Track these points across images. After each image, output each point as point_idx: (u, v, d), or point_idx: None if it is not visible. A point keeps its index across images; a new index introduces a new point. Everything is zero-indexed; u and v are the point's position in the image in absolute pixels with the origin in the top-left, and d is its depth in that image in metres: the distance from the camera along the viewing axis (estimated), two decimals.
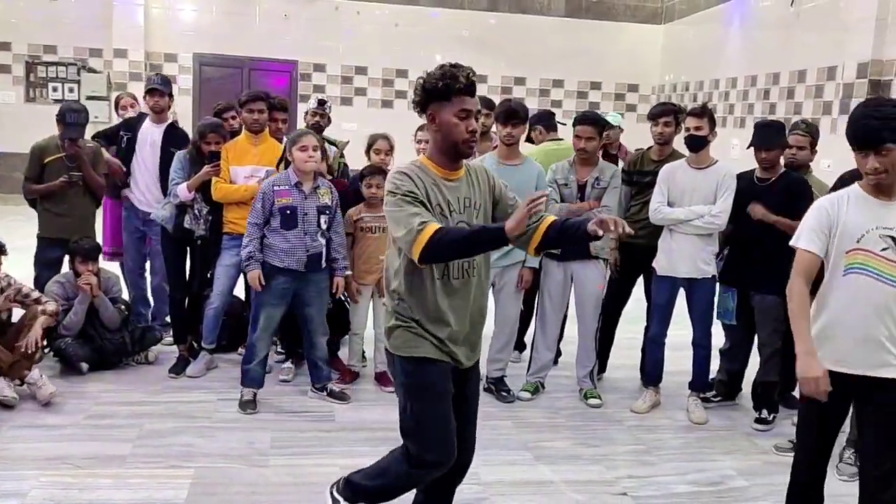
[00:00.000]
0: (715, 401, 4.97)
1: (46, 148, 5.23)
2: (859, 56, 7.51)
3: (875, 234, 2.79)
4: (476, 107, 2.81)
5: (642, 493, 3.82)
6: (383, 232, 4.88)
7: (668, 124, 4.95)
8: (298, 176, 4.46)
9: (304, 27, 12.06)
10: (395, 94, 12.45)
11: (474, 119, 2.77)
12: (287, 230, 4.43)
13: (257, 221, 4.46)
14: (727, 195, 4.54)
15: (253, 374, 4.58)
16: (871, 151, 2.74)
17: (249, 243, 4.47)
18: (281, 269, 4.45)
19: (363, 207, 4.91)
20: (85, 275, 4.91)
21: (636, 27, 12.72)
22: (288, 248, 4.43)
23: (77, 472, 3.71)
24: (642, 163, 5.09)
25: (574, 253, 4.78)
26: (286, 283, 4.50)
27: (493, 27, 12.50)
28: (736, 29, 10.41)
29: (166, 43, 11.89)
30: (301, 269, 4.47)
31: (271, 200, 4.43)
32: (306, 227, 4.45)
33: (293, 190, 4.45)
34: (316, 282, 4.59)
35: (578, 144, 4.74)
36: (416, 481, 2.93)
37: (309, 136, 4.48)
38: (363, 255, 4.90)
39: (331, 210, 4.58)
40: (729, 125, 10.04)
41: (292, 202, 4.43)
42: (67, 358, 4.92)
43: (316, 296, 4.62)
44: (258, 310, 4.54)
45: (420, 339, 2.78)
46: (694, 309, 4.78)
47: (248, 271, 4.52)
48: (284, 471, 3.83)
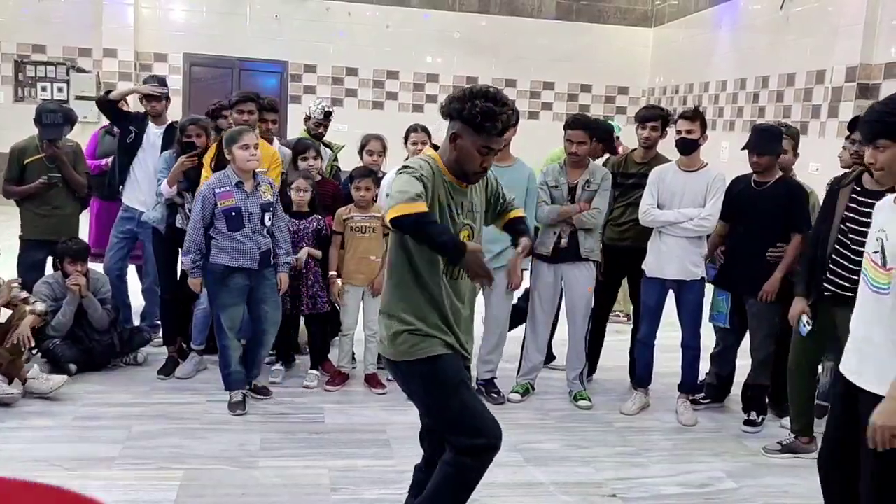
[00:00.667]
0: (704, 403, 4.99)
1: (26, 149, 5.21)
2: (848, 60, 7.54)
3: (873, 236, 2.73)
4: (499, 146, 2.84)
5: (631, 494, 3.83)
6: (374, 232, 4.89)
7: (655, 129, 4.98)
8: (239, 175, 4.37)
9: (295, 28, 12.03)
10: (387, 95, 12.43)
11: (492, 157, 2.81)
12: (234, 232, 4.35)
13: (199, 227, 4.33)
14: (716, 198, 4.57)
15: (235, 376, 4.54)
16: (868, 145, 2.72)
17: (192, 249, 4.35)
18: (235, 268, 4.38)
19: (353, 207, 4.91)
20: (74, 275, 4.89)
21: (626, 30, 12.74)
22: (240, 248, 4.36)
23: (65, 473, 3.69)
24: (626, 165, 5.11)
25: (565, 255, 4.80)
26: (243, 281, 4.44)
27: (483, 29, 12.50)
28: (726, 32, 10.44)
29: (156, 43, 11.84)
30: (255, 266, 4.42)
31: (213, 203, 4.32)
32: (253, 225, 4.39)
33: (235, 190, 4.36)
34: (269, 278, 4.55)
35: (570, 148, 4.76)
36: (478, 473, 2.91)
37: (250, 135, 4.39)
38: (354, 256, 4.89)
39: (273, 206, 4.53)
40: (718, 128, 10.07)
41: (236, 203, 4.34)
42: (56, 359, 4.90)
43: (270, 293, 4.57)
44: (220, 313, 4.47)
45: (428, 339, 2.81)
46: (683, 311, 4.80)
47: (191, 278, 4.42)
48: (274, 472, 3.83)
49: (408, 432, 4.38)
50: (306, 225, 4.93)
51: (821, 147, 7.58)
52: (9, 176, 5.21)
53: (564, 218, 4.75)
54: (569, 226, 4.78)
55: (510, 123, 2.76)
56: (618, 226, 5.06)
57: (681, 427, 4.73)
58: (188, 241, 4.38)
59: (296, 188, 4.90)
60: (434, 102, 12.39)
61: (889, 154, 2.61)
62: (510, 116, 2.74)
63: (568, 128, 4.78)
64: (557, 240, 4.80)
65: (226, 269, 4.38)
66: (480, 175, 2.86)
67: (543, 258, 4.86)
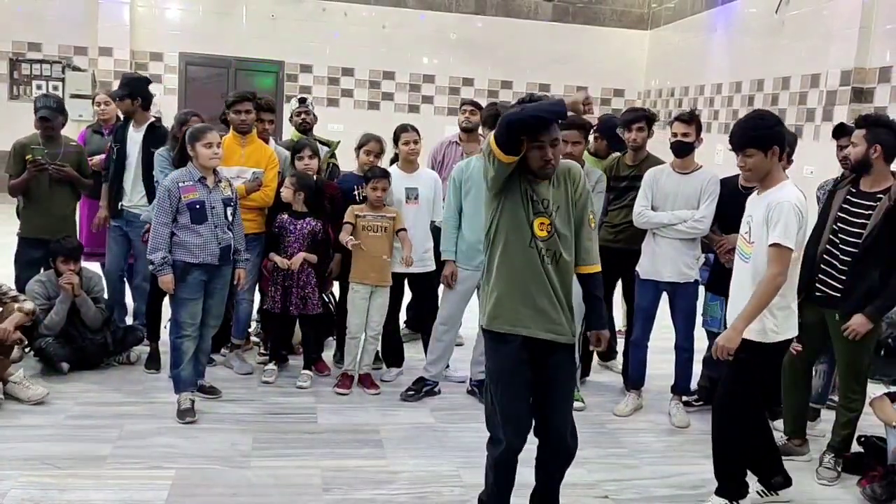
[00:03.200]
0: (696, 405, 5.00)
1: (28, 145, 5.20)
2: (843, 64, 7.57)
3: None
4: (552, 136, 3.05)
5: (623, 496, 3.83)
6: (385, 231, 4.88)
7: (641, 129, 4.98)
8: (201, 171, 4.38)
9: (291, 28, 12.03)
10: (382, 95, 12.44)
11: (549, 150, 3.04)
12: (198, 224, 4.33)
13: (165, 221, 4.32)
14: (711, 200, 4.57)
15: (185, 377, 4.47)
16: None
17: (161, 246, 4.31)
18: (195, 264, 4.36)
19: (366, 206, 4.90)
20: (67, 274, 4.88)
21: (622, 32, 12.76)
22: (201, 242, 4.34)
23: (57, 472, 3.68)
24: (618, 168, 5.11)
25: None
26: (201, 276, 4.42)
27: (480, 30, 12.51)
28: (721, 35, 10.47)
29: (152, 42, 11.82)
30: (215, 261, 4.41)
31: (177, 197, 4.31)
32: (215, 220, 4.38)
33: (198, 185, 4.36)
34: (224, 274, 4.54)
35: (565, 149, 4.73)
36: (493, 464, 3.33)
37: (213, 133, 4.39)
38: (365, 255, 4.87)
39: (233, 202, 4.54)
40: (713, 131, 10.09)
41: (199, 196, 4.34)
42: (48, 358, 4.88)
43: (221, 288, 4.57)
44: (179, 309, 4.42)
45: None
46: (677, 313, 4.80)
47: (161, 276, 4.35)
48: (266, 472, 3.82)
49: (401, 433, 4.40)
50: (302, 226, 4.92)
51: (815, 150, 7.60)
52: (12, 172, 5.20)
53: None
54: None
55: None
56: (611, 228, 5.06)
57: (673, 429, 4.74)
58: (154, 238, 4.33)
59: (284, 186, 4.91)
60: (430, 103, 12.40)
61: (755, 159, 3.43)
62: None
63: (563, 129, 4.76)
64: None
65: (186, 265, 4.36)
66: (547, 168, 3.05)
67: None
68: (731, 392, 3.62)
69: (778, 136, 3.47)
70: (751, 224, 3.55)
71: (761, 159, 3.44)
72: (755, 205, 3.57)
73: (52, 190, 5.19)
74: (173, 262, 4.34)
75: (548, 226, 3.09)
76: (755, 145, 3.43)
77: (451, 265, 4.80)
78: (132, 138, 5.36)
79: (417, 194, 5.11)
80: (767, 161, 3.44)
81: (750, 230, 3.55)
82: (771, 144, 3.42)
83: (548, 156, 3.02)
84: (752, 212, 3.57)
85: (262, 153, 5.05)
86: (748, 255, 3.55)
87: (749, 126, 3.50)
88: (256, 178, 4.90)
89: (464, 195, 4.77)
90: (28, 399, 4.43)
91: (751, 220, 3.56)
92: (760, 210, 3.48)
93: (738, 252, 3.68)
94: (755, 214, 3.52)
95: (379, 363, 5.32)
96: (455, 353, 5.23)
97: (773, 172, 3.49)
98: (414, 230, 4.99)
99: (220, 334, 5.20)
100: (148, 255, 4.36)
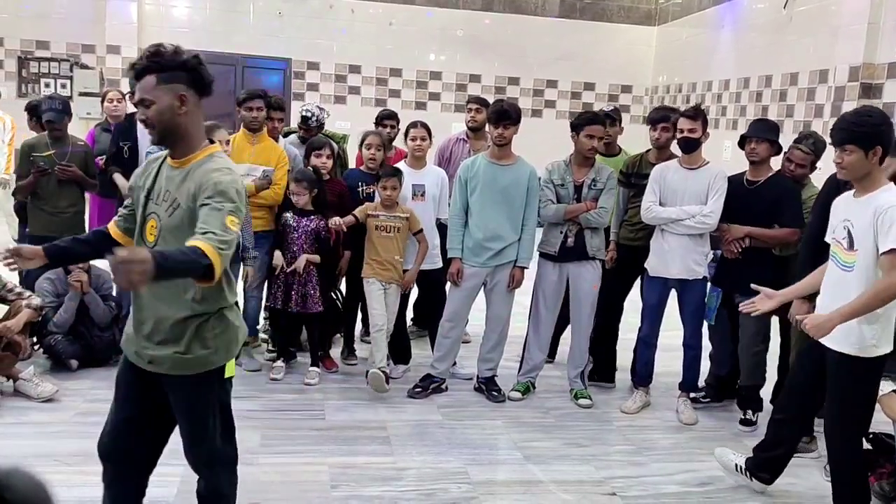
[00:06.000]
0: (704, 402, 4.99)
1: (35, 146, 5.23)
2: (851, 59, 7.53)
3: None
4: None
5: (631, 493, 3.83)
6: (398, 232, 4.88)
7: (667, 129, 4.94)
8: None
9: (299, 25, 12.04)
10: (389, 92, 12.43)
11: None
12: None
13: None
14: (718, 196, 4.56)
15: None
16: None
17: None
18: None
19: (379, 206, 4.91)
20: (75, 272, 4.90)
21: (630, 28, 12.73)
22: None
23: (65, 469, 3.70)
24: (641, 166, 5.09)
25: (571, 254, 4.78)
26: None
27: (487, 27, 12.50)
28: (729, 31, 10.43)
29: (159, 39, 11.38)
30: None
31: None
32: None
33: None
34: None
35: (590, 144, 4.71)
36: None
37: (222, 131, 4.40)
38: (378, 255, 4.90)
39: None
40: (721, 127, 10.06)
41: None
42: (57, 355, 4.91)
43: None
44: None
45: None
46: (685, 310, 4.79)
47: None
48: (273, 469, 3.83)
49: (408, 430, 4.41)
50: (306, 224, 4.92)
51: None
52: (20, 173, 5.24)
53: (571, 217, 4.74)
54: (575, 225, 4.77)
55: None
56: (632, 226, 5.05)
57: (681, 426, 4.73)
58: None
59: (291, 192, 4.91)
60: (437, 100, 12.39)
61: (854, 157, 3.21)
62: None
63: (589, 123, 4.73)
64: (563, 239, 4.79)
65: None
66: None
67: (549, 257, 4.85)
68: (841, 416, 3.42)
69: (884, 135, 3.23)
70: (851, 229, 3.28)
71: (860, 158, 3.21)
72: (854, 209, 3.31)
73: (60, 189, 5.21)
74: None
75: None
76: (857, 142, 3.20)
77: (457, 262, 4.81)
78: (145, 135, 5.34)
79: (424, 191, 5.11)
80: (867, 161, 3.21)
81: (850, 236, 3.29)
82: (874, 144, 3.20)
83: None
84: (851, 216, 3.31)
85: (271, 151, 5.06)
86: (850, 264, 3.27)
87: (854, 121, 3.26)
88: (266, 176, 4.91)
89: (470, 193, 4.77)
90: (37, 396, 4.46)
91: (850, 226, 3.29)
92: (866, 214, 3.22)
93: (834, 259, 3.39)
94: (856, 220, 3.26)
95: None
96: (462, 350, 5.24)
97: (873, 174, 3.26)
98: (420, 225, 5.00)
99: None
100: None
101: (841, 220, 3.35)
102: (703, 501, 3.81)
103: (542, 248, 4.86)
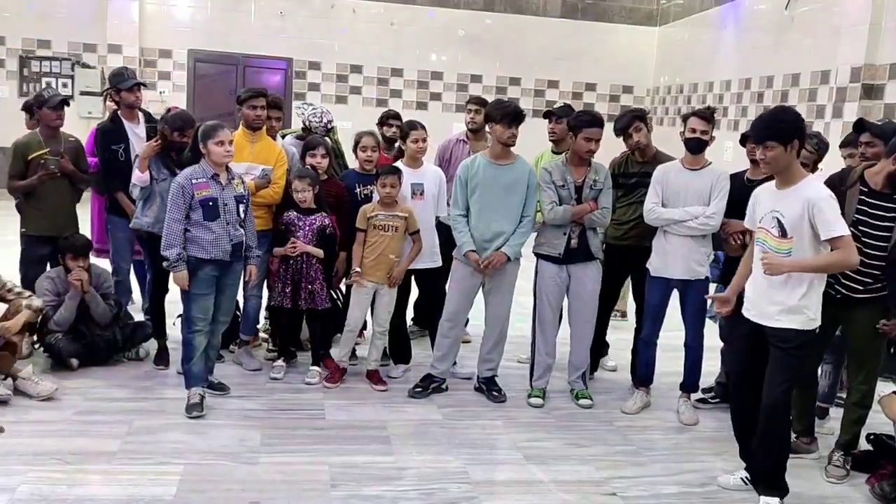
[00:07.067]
0: (713, 402, 4.97)
1: (29, 144, 5.21)
2: (853, 60, 7.53)
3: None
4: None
5: (631, 493, 3.83)
6: (396, 231, 4.88)
7: (639, 129, 4.94)
8: (214, 168, 4.39)
9: (300, 24, 12.05)
10: (391, 92, 12.44)
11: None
12: (210, 221, 4.35)
13: (179, 217, 4.32)
14: (721, 196, 4.55)
15: (196, 372, 4.50)
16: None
17: (176, 242, 4.32)
18: (207, 259, 4.38)
19: (378, 205, 4.90)
20: (76, 271, 4.90)
21: (631, 29, 12.73)
22: (213, 238, 4.36)
23: (65, 467, 3.70)
24: (627, 165, 5.08)
25: (575, 255, 4.77)
26: (212, 272, 4.43)
27: (488, 27, 12.50)
28: (730, 31, 10.43)
29: (161, 39, 11.85)
30: (226, 258, 4.42)
31: (191, 194, 4.33)
32: (228, 216, 4.40)
33: (211, 182, 4.37)
34: (236, 271, 4.57)
35: (588, 146, 4.69)
36: None
37: (225, 131, 4.39)
38: (373, 253, 4.88)
39: (246, 200, 4.55)
40: (723, 128, 10.06)
41: (212, 193, 4.35)
42: (58, 354, 4.90)
43: (231, 284, 4.60)
44: (191, 305, 4.44)
45: None
46: (687, 310, 4.78)
47: (175, 272, 4.35)
48: (274, 468, 3.83)
49: (408, 429, 4.40)
50: (311, 222, 4.92)
51: None
52: (12, 172, 5.21)
53: (576, 218, 4.72)
54: (577, 226, 4.75)
55: None
56: (620, 225, 5.03)
57: (682, 426, 4.72)
58: (168, 235, 4.34)
59: (294, 189, 4.89)
60: (438, 100, 12.40)
61: (775, 152, 3.48)
62: None
63: (587, 126, 4.71)
64: (567, 240, 4.77)
65: (198, 260, 4.37)
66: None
67: (552, 259, 4.83)
68: (785, 387, 3.65)
69: (798, 130, 3.51)
70: (781, 219, 3.55)
71: (781, 153, 3.48)
72: (780, 199, 3.58)
73: (55, 187, 5.19)
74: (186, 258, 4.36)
75: None
76: (775, 138, 3.47)
77: (474, 254, 4.76)
78: (135, 135, 5.33)
79: (423, 190, 5.10)
80: (787, 155, 3.48)
81: (780, 225, 3.55)
82: (791, 138, 3.47)
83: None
84: (779, 207, 3.57)
85: (270, 150, 5.05)
86: (786, 250, 3.54)
87: (773, 119, 3.59)
88: (266, 175, 4.90)
89: (470, 193, 4.76)
90: (37, 395, 4.45)
91: (780, 216, 3.55)
92: (795, 206, 3.49)
93: (763, 246, 3.64)
94: (786, 210, 3.53)
95: (386, 360, 5.32)
96: (462, 350, 5.23)
97: (793, 167, 3.54)
98: (419, 225, 4.97)
99: (229, 331, 5.22)
100: (162, 252, 4.37)
101: (768, 210, 3.61)
102: (703, 502, 3.80)
103: (543, 251, 4.83)
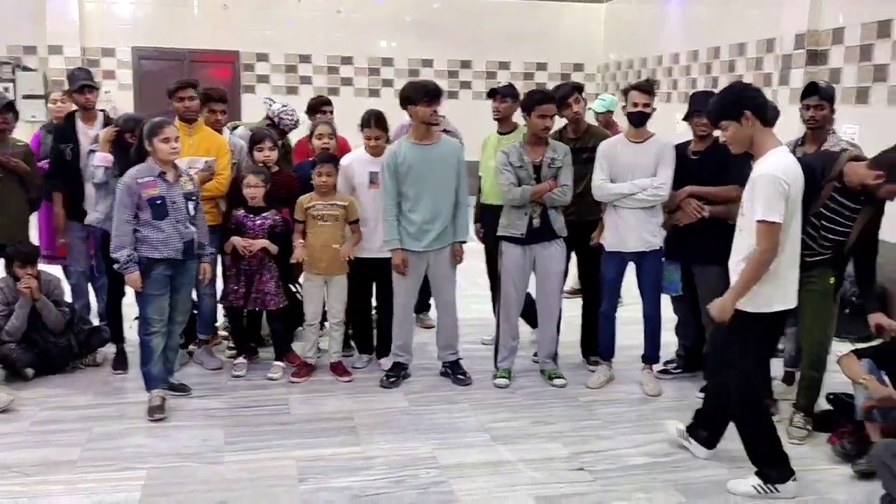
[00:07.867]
0: (675, 372, 5.04)
1: None
2: (796, 27, 7.61)
3: None
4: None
5: (599, 467, 3.86)
6: (335, 220, 4.83)
7: (578, 100, 5.02)
8: (161, 166, 4.31)
9: (245, 17, 11.85)
10: (341, 81, 12.31)
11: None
12: (159, 220, 4.27)
13: (127, 218, 4.24)
14: (667, 166, 4.58)
15: (156, 373, 4.43)
16: None
17: (125, 243, 4.24)
18: (159, 259, 4.30)
19: (315, 195, 4.84)
20: (25, 278, 4.79)
21: (579, 7, 12.74)
22: (163, 237, 4.28)
23: (26, 480, 3.62)
24: (560, 142, 5.07)
25: (538, 235, 4.75)
26: (165, 271, 4.35)
27: (436, 11, 12.42)
28: (676, 4, 10.49)
29: (103, 37, 11.59)
30: (179, 256, 4.35)
31: (137, 193, 4.24)
32: (177, 214, 4.33)
33: (158, 180, 4.29)
34: (189, 269, 4.50)
35: (543, 123, 4.66)
36: None
37: (171, 127, 4.32)
38: (315, 245, 4.83)
39: (195, 196, 4.48)
40: (674, 100, 10.13)
41: (160, 192, 4.27)
42: (11, 364, 4.79)
43: (186, 283, 4.54)
44: (146, 306, 4.35)
45: None
46: (643, 282, 4.81)
47: (127, 273, 4.28)
48: (239, 467, 3.79)
49: (375, 419, 4.39)
50: (261, 221, 4.85)
51: None
52: None
53: (536, 198, 4.70)
54: (538, 205, 4.73)
55: None
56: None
57: (646, 398, 4.77)
58: (117, 236, 4.26)
59: (246, 184, 4.82)
60: (390, 87, 12.30)
61: (731, 130, 3.40)
62: None
63: (540, 103, 4.65)
64: (529, 221, 4.75)
65: (149, 260, 4.29)
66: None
67: (514, 240, 4.80)
68: (742, 371, 3.58)
69: (746, 99, 3.39)
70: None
71: (737, 128, 3.38)
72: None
73: (4, 193, 5.06)
74: (137, 259, 4.27)
75: None
76: (726, 116, 3.41)
77: (400, 253, 4.73)
78: (89, 136, 5.21)
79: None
80: (744, 128, 3.37)
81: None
82: (740, 111, 3.35)
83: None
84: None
85: (211, 141, 4.96)
86: (741, 227, 3.51)
87: (716, 100, 3.55)
88: (209, 167, 4.82)
89: (402, 178, 4.69)
90: None
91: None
92: (750, 181, 3.41)
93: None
94: (748, 185, 3.46)
95: (350, 350, 5.29)
96: (423, 336, 5.21)
97: (757, 139, 3.41)
98: (378, 212, 4.90)
99: (187, 331, 5.14)
100: (112, 254, 4.27)
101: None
102: (670, 471, 3.84)
103: (506, 232, 4.80)
